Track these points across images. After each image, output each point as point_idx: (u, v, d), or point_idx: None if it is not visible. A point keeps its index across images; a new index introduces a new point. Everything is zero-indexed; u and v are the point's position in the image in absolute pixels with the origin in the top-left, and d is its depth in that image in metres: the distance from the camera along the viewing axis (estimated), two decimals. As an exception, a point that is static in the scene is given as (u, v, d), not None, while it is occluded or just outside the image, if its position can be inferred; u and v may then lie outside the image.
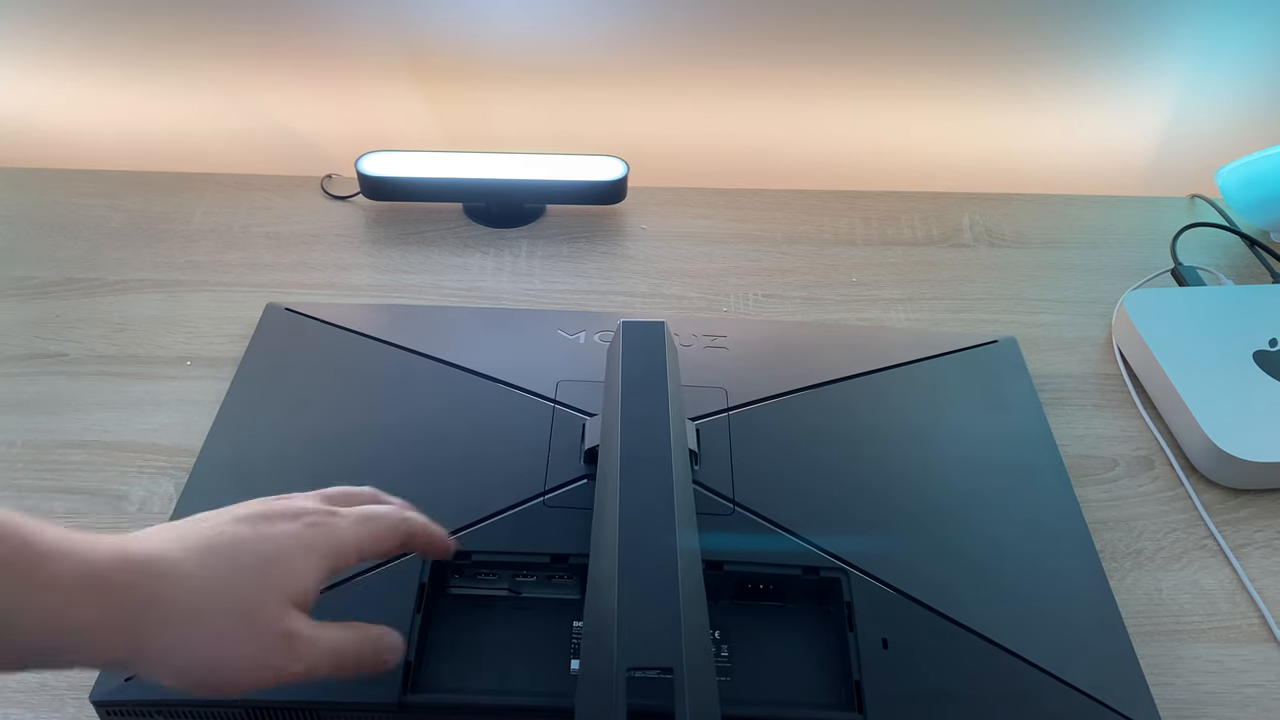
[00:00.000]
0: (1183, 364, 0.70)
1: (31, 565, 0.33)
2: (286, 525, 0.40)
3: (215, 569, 0.37)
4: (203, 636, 0.36)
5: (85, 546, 0.35)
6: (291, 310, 0.72)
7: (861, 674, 0.50)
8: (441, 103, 0.93)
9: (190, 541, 0.38)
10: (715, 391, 0.65)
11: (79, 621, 0.34)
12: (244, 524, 0.39)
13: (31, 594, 0.33)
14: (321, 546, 0.40)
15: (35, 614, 0.33)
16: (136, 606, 0.35)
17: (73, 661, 0.35)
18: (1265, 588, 0.61)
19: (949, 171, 0.98)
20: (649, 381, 0.51)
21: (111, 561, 0.35)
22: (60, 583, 0.33)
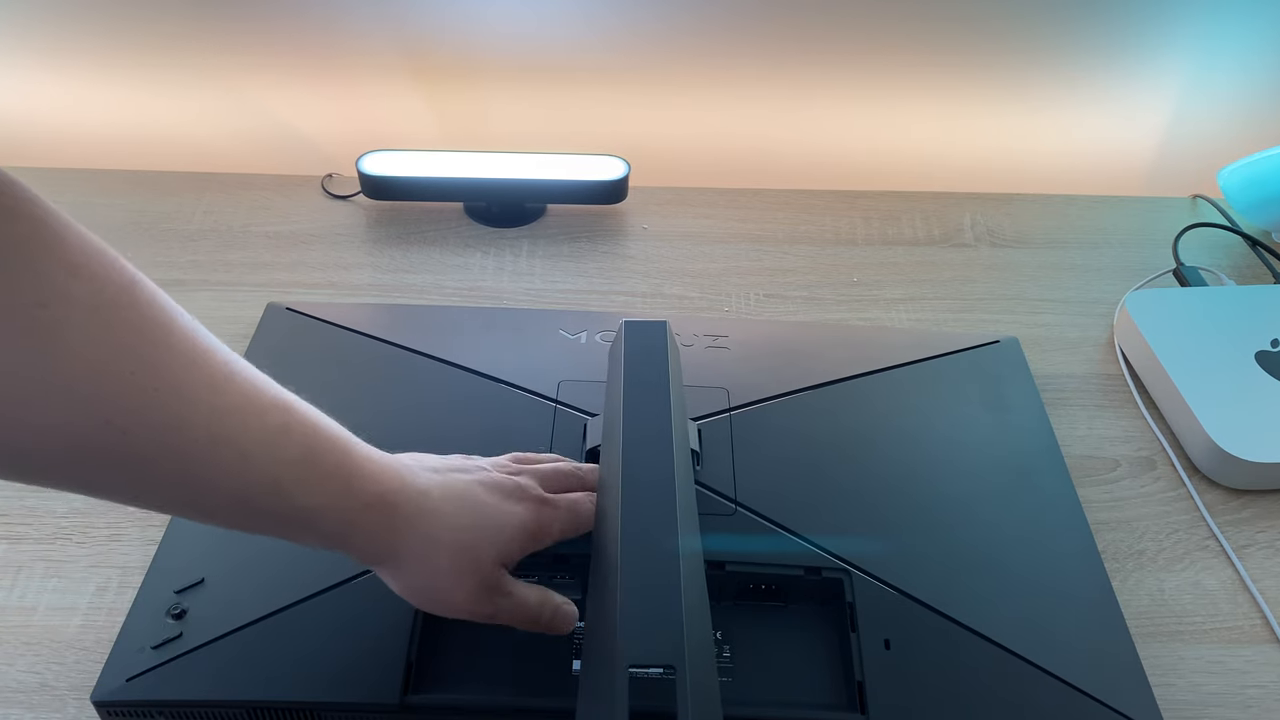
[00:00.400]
0: (1185, 364, 0.70)
1: (346, 479, 0.41)
2: (516, 506, 0.47)
3: (461, 519, 0.45)
4: (438, 565, 0.45)
5: (379, 470, 0.43)
6: (292, 310, 0.72)
7: (864, 675, 0.50)
8: (442, 102, 0.93)
9: (450, 489, 0.46)
10: (717, 392, 0.65)
11: (363, 527, 0.42)
12: (488, 491, 0.47)
13: (340, 499, 0.41)
14: (533, 529, 0.48)
15: (339, 514, 0.42)
16: (403, 526, 0.43)
17: (347, 552, 0.43)
18: (1267, 588, 0.61)
19: (950, 171, 0.98)
20: (651, 382, 0.51)
21: (397, 487, 0.43)
22: (360, 495, 0.42)
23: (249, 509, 0.40)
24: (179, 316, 0.37)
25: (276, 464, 0.39)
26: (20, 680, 0.54)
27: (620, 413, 0.50)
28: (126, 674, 0.49)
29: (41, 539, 0.60)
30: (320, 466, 0.41)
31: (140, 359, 0.35)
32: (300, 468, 0.40)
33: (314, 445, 0.41)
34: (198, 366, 0.37)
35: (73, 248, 0.34)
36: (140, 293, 0.36)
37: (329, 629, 0.51)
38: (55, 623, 0.56)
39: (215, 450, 0.37)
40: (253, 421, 0.38)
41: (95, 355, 0.34)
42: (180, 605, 0.52)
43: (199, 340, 0.38)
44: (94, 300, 0.34)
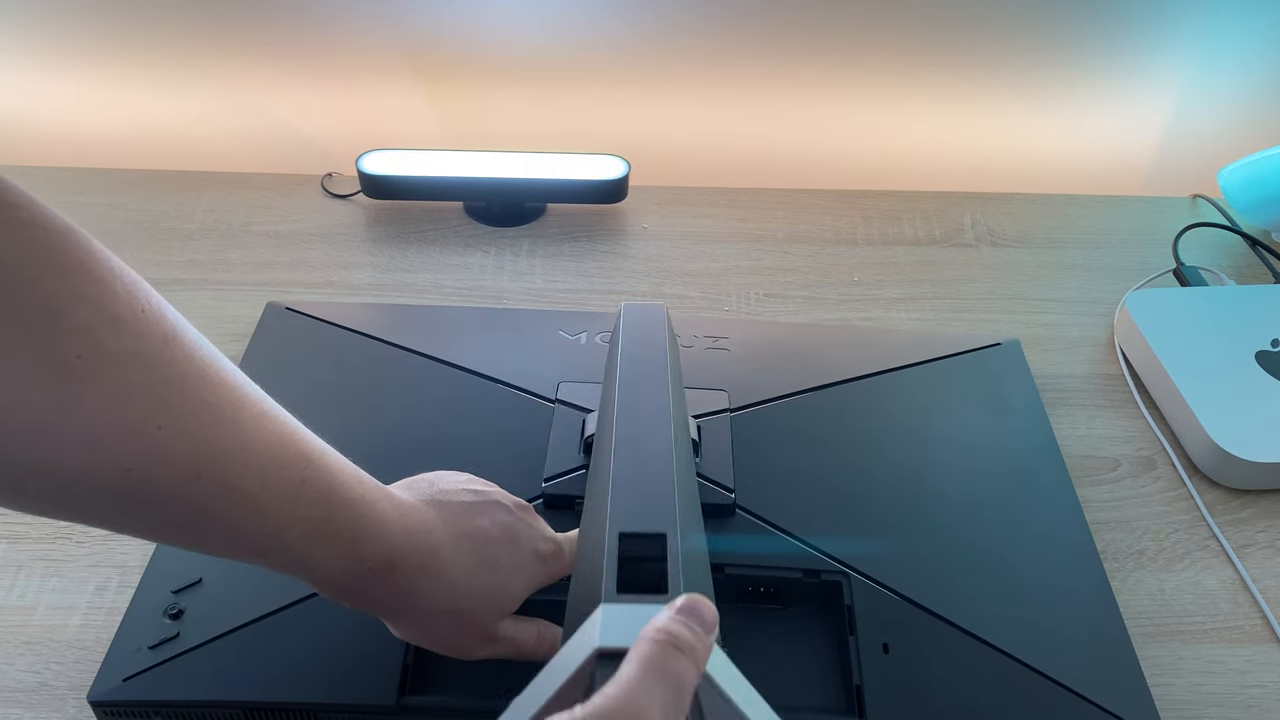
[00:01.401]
0: (1185, 364, 0.70)
1: (354, 541, 0.41)
2: (531, 562, 0.47)
3: (469, 581, 0.45)
4: (436, 624, 0.46)
5: (391, 531, 0.43)
6: (292, 309, 0.72)
7: (862, 678, 0.50)
8: (442, 101, 0.93)
9: (462, 546, 0.45)
10: (717, 393, 0.64)
11: (365, 588, 0.43)
12: (505, 545, 0.47)
13: (345, 560, 0.41)
14: (542, 582, 0.48)
15: (343, 574, 0.42)
16: (406, 590, 0.44)
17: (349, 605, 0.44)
18: (1268, 588, 0.61)
19: (951, 171, 0.98)
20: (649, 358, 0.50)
21: (405, 551, 0.43)
22: (366, 558, 0.42)
23: (257, 556, 0.41)
24: (215, 369, 0.37)
25: (289, 521, 0.39)
26: (20, 680, 0.54)
27: (616, 387, 0.48)
28: (123, 674, 0.49)
29: (41, 538, 0.60)
30: (330, 526, 0.41)
31: (169, 414, 0.35)
32: (311, 526, 0.40)
33: (328, 503, 0.40)
34: (226, 419, 0.37)
35: (119, 299, 0.34)
36: (179, 347, 0.36)
37: (326, 630, 0.51)
38: (55, 622, 0.56)
39: (232, 503, 0.38)
40: (272, 476, 0.39)
41: (125, 408, 0.34)
42: (177, 605, 0.52)
43: (231, 392, 0.38)
44: (131, 354, 0.34)
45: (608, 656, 0.32)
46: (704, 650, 0.32)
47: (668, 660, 0.31)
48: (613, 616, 0.34)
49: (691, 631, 0.32)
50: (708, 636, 0.33)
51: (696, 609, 0.33)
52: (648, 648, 0.31)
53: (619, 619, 0.33)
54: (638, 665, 0.30)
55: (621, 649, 0.32)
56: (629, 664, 0.31)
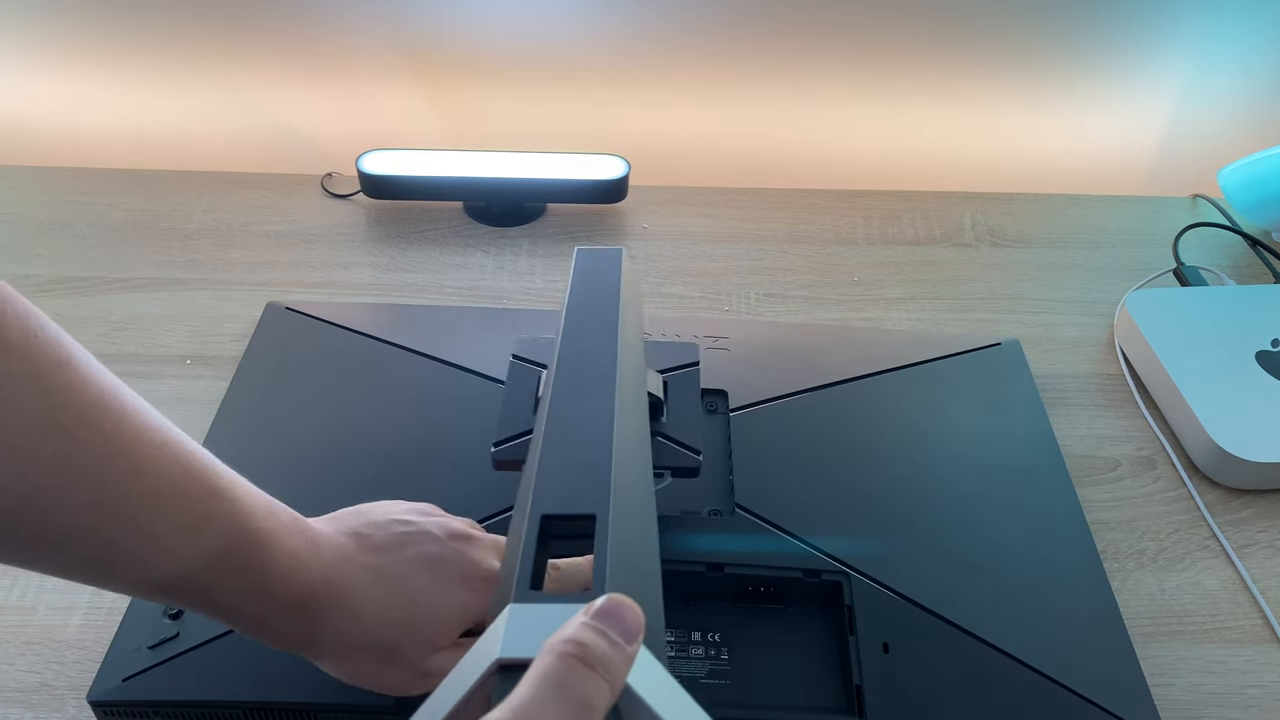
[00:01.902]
0: (1185, 364, 0.70)
1: (262, 577, 0.40)
2: (458, 591, 0.45)
3: (388, 614, 0.43)
4: (358, 661, 0.44)
5: (302, 568, 0.41)
6: (292, 309, 0.72)
7: (862, 678, 0.50)
8: (442, 101, 0.93)
9: (382, 580, 0.43)
10: (717, 393, 0.64)
11: (278, 625, 0.42)
12: (432, 575, 0.44)
13: (254, 596, 0.40)
14: (475, 613, 0.45)
15: (253, 610, 0.41)
16: (321, 627, 0.42)
17: (266, 643, 0.42)
18: (1268, 588, 0.61)
19: (951, 171, 0.98)
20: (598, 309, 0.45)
21: (317, 588, 0.41)
22: (276, 594, 0.40)
23: (167, 594, 0.39)
24: (113, 397, 0.36)
25: (194, 555, 0.38)
26: (20, 679, 0.54)
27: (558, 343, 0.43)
28: (123, 674, 0.49)
29: (40, 539, 0.60)
30: (237, 561, 0.39)
31: (63, 439, 0.34)
32: (217, 560, 0.38)
33: (235, 537, 0.39)
34: (125, 448, 0.36)
35: (10, 324, 0.33)
36: (74, 373, 0.35)
37: (327, 629, 0.51)
38: (55, 622, 0.56)
39: (133, 535, 0.36)
40: (175, 509, 0.37)
41: (17, 434, 0.33)
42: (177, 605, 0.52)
43: (131, 420, 0.36)
44: (21, 378, 0.33)
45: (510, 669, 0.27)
46: (622, 664, 0.27)
47: (572, 679, 0.26)
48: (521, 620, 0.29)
49: (608, 642, 0.27)
50: (629, 647, 0.28)
51: (616, 613, 0.28)
52: (550, 663, 0.26)
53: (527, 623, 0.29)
54: (534, 685, 0.26)
55: (525, 660, 0.27)
56: (525, 683, 0.26)
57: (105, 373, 0.37)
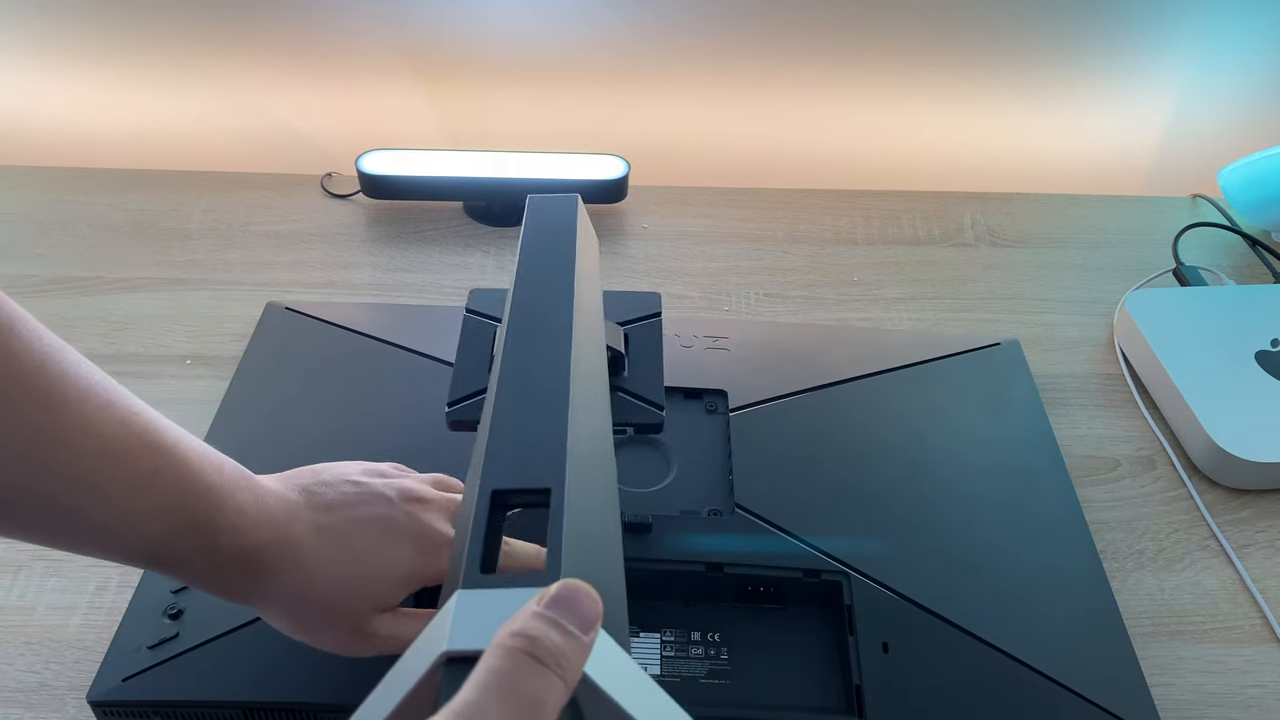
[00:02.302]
0: (1185, 364, 0.70)
1: (213, 532, 0.40)
2: (407, 551, 0.45)
3: (335, 571, 0.43)
4: (305, 615, 0.44)
5: (250, 523, 0.41)
6: (291, 309, 0.72)
7: (862, 678, 0.50)
8: (442, 101, 0.93)
9: (330, 537, 0.44)
10: (717, 393, 0.64)
11: (227, 578, 0.42)
12: (381, 533, 0.45)
13: (203, 551, 0.40)
14: (425, 575, 0.45)
15: (202, 564, 0.41)
16: (269, 580, 0.42)
17: (216, 596, 0.43)
18: (1268, 588, 0.61)
19: (951, 171, 0.98)
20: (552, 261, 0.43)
21: (265, 542, 0.42)
22: (225, 549, 0.41)
23: (116, 553, 0.40)
24: (57, 358, 0.37)
25: (142, 512, 0.38)
26: (20, 679, 0.54)
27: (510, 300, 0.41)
28: (122, 674, 0.49)
29: (40, 539, 0.60)
30: (185, 516, 0.40)
31: (7, 403, 0.35)
32: (165, 515, 0.39)
33: (183, 492, 0.39)
34: (70, 408, 0.36)
35: None
36: (15, 339, 0.35)
37: (327, 629, 0.51)
38: (55, 622, 0.56)
39: (81, 495, 0.37)
40: (121, 466, 0.38)
41: None
42: (177, 605, 0.52)
43: (76, 381, 0.37)
44: None
45: (458, 661, 0.26)
46: (578, 655, 0.25)
47: (520, 676, 0.24)
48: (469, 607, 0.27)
49: (561, 633, 0.25)
50: (585, 636, 0.26)
51: (572, 600, 0.26)
52: (496, 660, 0.25)
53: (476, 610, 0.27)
54: (478, 686, 0.24)
55: (475, 652, 0.25)
56: (469, 683, 0.24)
57: (47, 335, 0.37)
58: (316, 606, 0.44)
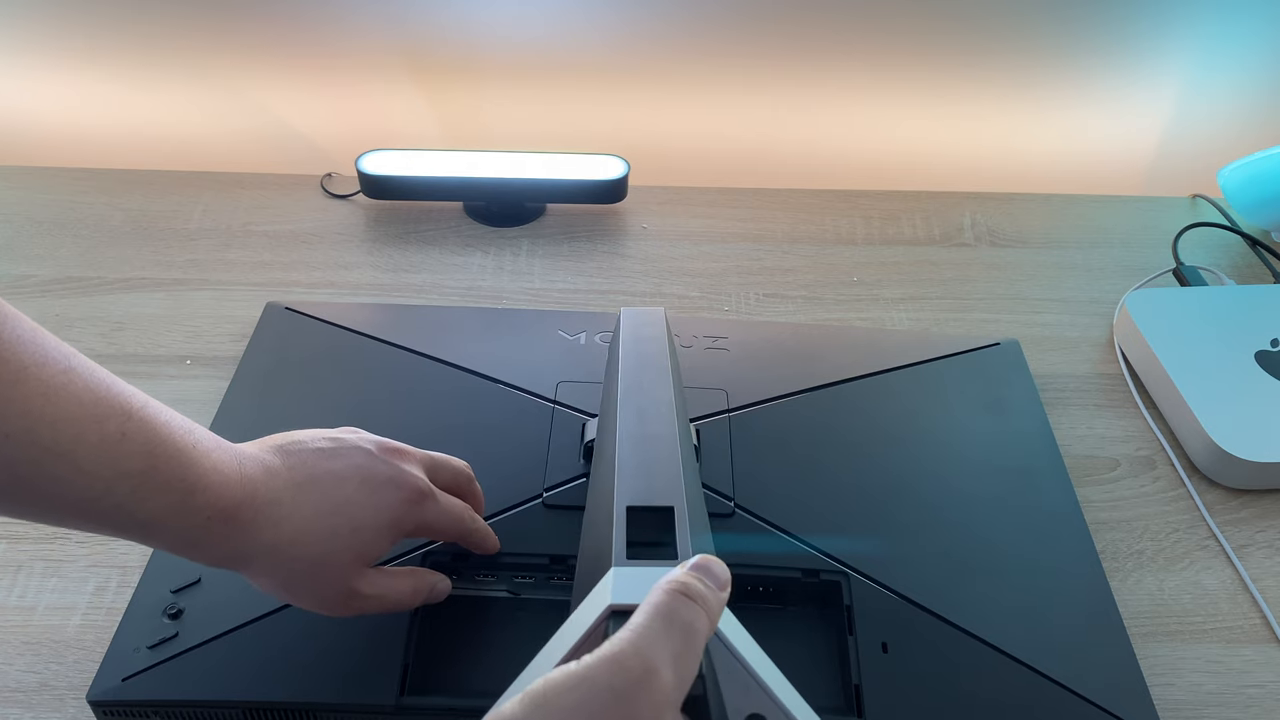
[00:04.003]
0: (1184, 364, 0.70)
1: (187, 492, 0.40)
2: (387, 496, 0.46)
3: (314, 525, 0.44)
4: (288, 572, 0.44)
5: (224, 480, 0.41)
6: (291, 309, 0.72)
7: (861, 678, 0.50)
8: (442, 101, 0.93)
9: (308, 492, 0.44)
10: (716, 393, 0.64)
11: (206, 540, 0.42)
12: (359, 485, 0.45)
13: (179, 512, 0.40)
14: (406, 525, 0.47)
15: (179, 526, 0.41)
16: (248, 539, 0.42)
17: (194, 560, 0.43)
18: (1267, 588, 0.61)
19: (950, 171, 0.98)
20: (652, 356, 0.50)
21: (241, 499, 0.42)
22: (201, 509, 0.41)
23: (90, 520, 0.40)
24: (9, 328, 0.37)
25: (113, 476, 0.38)
26: (19, 680, 0.54)
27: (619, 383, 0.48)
28: (122, 674, 0.49)
29: (41, 538, 0.60)
30: (158, 478, 0.40)
31: None
32: (138, 479, 0.39)
33: (153, 454, 0.39)
34: (29, 375, 0.36)
35: None
36: None
37: (325, 629, 0.51)
38: (54, 622, 0.56)
39: (47, 462, 0.37)
40: (89, 431, 0.38)
41: None
42: (177, 605, 0.52)
43: (29, 349, 0.37)
44: None
45: (620, 614, 0.33)
46: (716, 604, 0.33)
47: (678, 607, 0.31)
48: (624, 578, 0.35)
49: (704, 585, 0.33)
50: (721, 592, 0.33)
51: (709, 566, 0.34)
52: (658, 596, 0.32)
53: (630, 580, 0.34)
54: (647, 612, 0.31)
55: (633, 606, 0.32)
56: (639, 613, 0.31)
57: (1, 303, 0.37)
58: (301, 563, 0.44)
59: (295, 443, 0.46)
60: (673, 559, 0.36)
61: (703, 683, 0.32)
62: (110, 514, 0.39)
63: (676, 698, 0.30)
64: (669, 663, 0.30)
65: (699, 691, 0.32)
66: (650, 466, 0.41)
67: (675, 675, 0.30)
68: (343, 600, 0.46)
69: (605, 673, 0.29)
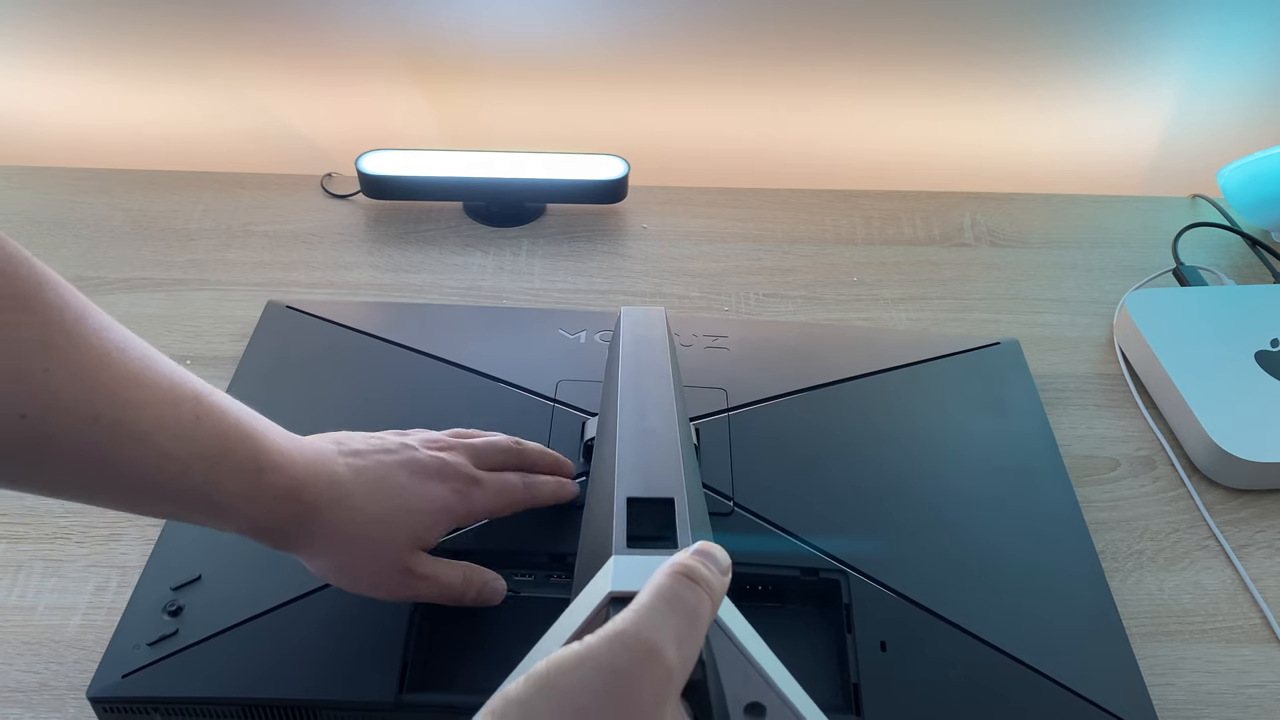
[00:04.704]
0: (1184, 364, 0.70)
1: (257, 472, 0.42)
2: (437, 487, 0.48)
3: (373, 508, 0.46)
4: (348, 553, 0.46)
5: (290, 461, 0.43)
6: (292, 308, 0.72)
7: (860, 676, 0.50)
8: (442, 101, 0.93)
9: (365, 476, 0.46)
10: (715, 392, 0.65)
11: (272, 519, 0.43)
12: (410, 474, 0.48)
13: (249, 492, 0.42)
14: (456, 511, 0.49)
15: (248, 506, 0.43)
16: (312, 518, 0.44)
17: (257, 539, 0.44)
18: (1267, 588, 0.61)
19: (950, 171, 0.98)
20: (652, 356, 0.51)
21: (307, 479, 0.44)
22: (270, 488, 0.43)
23: (166, 502, 0.41)
24: (92, 315, 0.38)
25: (189, 457, 0.40)
26: (19, 680, 0.54)
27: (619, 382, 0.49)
28: (122, 670, 0.49)
29: (41, 539, 0.60)
30: (231, 459, 0.41)
31: (56, 356, 0.36)
32: (212, 460, 0.41)
33: (225, 436, 0.41)
34: (112, 361, 0.38)
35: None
36: (52, 292, 0.37)
37: (325, 626, 0.51)
38: (54, 622, 0.56)
39: (131, 443, 0.38)
40: (167, 414, 0.39)
41: (10, 351, 0.35)
42: (177, 602, 0.52)
43: (112, 336, 0.38)
44: (8, 298, 0.35)
45: (620, 600, 0.33)
46: (719, 587, 0.33)
47: (681, 590, 0.32)
48: (624, 565, 0.35)
49: (707, 568, 0.33)
50: (723, 577, 0.34)
51: (710, 550, 0.35)
52: (661, 578, 0.32)
53: (630, 567, 0.35)
54: (650, 594, 0.32)
55: (633, 592, 0.32)
56: (643, 594, 0.32)
57: (76, 293, 0.38)
58: (360, 543, 0.46)
59: (346, 435, 0.48)
60: (673, 549, 0.37)
61: (702, 668, 0.32)
62: (185, 495, 0.41)
63: (679, 679, 0.31)
64: (672, 643, 0.30)
65: (699, 677, 0.32)
66: (650, 460, 0.42)
67: (678, 656, 0.30)
68: (397, 581, 0.47)
69: (608, 652, 0.30)
